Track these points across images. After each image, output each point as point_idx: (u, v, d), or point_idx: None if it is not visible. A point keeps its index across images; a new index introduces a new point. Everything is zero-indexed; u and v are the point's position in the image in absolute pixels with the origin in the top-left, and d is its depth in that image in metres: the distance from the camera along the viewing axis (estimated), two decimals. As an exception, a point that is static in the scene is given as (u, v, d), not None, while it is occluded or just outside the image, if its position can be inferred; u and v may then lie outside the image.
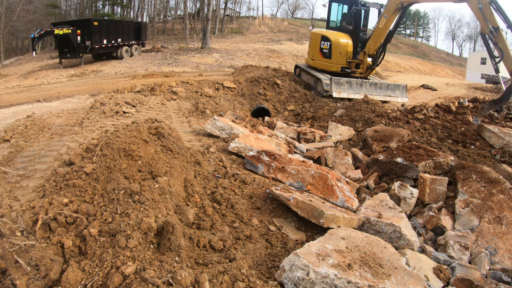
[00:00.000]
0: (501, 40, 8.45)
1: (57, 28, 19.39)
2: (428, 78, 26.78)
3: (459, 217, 4.64)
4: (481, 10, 8.49)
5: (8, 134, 6.26)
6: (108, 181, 3.60)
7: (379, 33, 11.78)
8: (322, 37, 13.21)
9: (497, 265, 4.05)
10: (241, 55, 24.88)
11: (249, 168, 5.28)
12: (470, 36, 70.38)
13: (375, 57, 12.27)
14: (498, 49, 8.45)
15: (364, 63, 12.48)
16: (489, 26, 8.48)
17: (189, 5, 40.05)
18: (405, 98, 12.36)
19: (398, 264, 3.22)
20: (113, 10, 47.48)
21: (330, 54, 12.82)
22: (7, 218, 3.20)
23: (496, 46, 8.48)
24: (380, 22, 11.66)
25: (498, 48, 8.44)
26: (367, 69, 12.60)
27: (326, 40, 12.96)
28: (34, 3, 42.31)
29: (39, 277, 2.54)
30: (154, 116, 8.11)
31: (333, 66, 12.80)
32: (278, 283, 2.98)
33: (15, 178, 4.49)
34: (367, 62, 12.44)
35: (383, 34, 11.71)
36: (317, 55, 13.39)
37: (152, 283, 2.45)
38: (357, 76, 12.67)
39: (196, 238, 3.29)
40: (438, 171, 5.56)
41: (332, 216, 3.77)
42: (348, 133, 8.19)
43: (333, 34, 13.07)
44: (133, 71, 18.60)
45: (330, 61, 12.88)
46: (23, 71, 20.92)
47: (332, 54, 12.78)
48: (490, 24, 8.49)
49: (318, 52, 13.28)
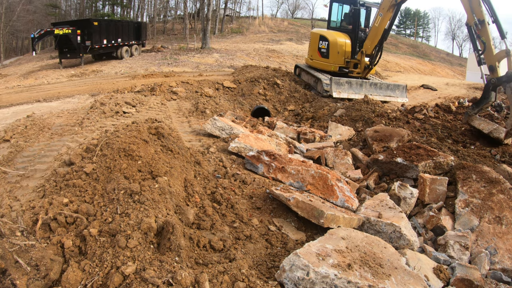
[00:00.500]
0: (484, 34, 8.29)
1: (57, 28, 19.39)
2: (428, 78, 26.77)
3: (459, 217, 4.64)
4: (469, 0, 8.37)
5: (8, 134, 6.26)
6: (108, 181, 3.60)
7: (375, 32, 11.85)
8: (320, 36, 13.30)
9: (497, 265, 4.05)
10: (241, 55, 24.88)
11: (249, 168, 5.28)
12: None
13: (373, 56, 12.32)
14: (481, 42, 8.33)
15: (362, 62, 12.53)
16: (474, 18, 8.33)
17: (189, 5, 40.08)
18: (405, 98, 12.37)
19: (398, 264, 3.22)
20: (113, 10, 47.49)
21: (328, 53, 12.89)
22: (7, 218, 3.20)
23: (479, 39, 8.35)
24: (376, 21, 11.74)
25: (481, 41, 8.32)
26: (365, 68, 12.65)
27: (324, 39, 13.05)
28: (34, 3, 42.30)
29: (39, 277, 2.54)
30: (154, 116, 8.11)
31: (331, 65, 12.87)
32: (278, 283, 2.98)
33: (15, 178, 4.49)
34: (364, 61, 12.50)
35: (379, 33, 11.76)
36: (315, 55, 13.47)
37: (152, 283, 2.45)
38: (354, 76, 12.70)
39: (196, 238, 3.29)
40: (438, 171, 5.56)
41: (332, 216, 3.77)
42: (348, 133, 8.19)
43: (331, 33, 13.14)
44: (133, 71, 18.60)
45: (328, 60, 12.96)
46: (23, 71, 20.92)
47: (330, 53, 12.84)
48: (476, 16, 8.33)
49: (317, 51, 13.36)
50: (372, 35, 12.00)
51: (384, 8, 11.36)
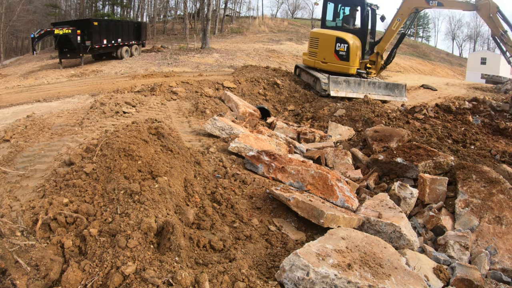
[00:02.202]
0: (509, 41, 10.43)
1: (57, 28, 19.40)
2: (428, 78, 26.78)
3: (459, 217, 4.64)
4: (491, 18, 10.42)
5: (8, 134, 6.25)
6: (108, 181, 3.60)
7: (391, 34, 12.63)
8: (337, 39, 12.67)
9: (497, 265, 4.05)
10: (241, 55, 24.88)
11: (249, 168, 5.28)
12: (470, 36, 70.41)
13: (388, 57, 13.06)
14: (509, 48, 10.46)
15: (378, 63, 12.99)
16: (500, 30, 10.43)
17: (189, 5, 40.07)
18: (404, 97, 12.29)
19: (398, 264, 3.22)
20: (113, 10, 47.49)
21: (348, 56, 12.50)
22: (7, 218, 3.20)
23: (507, 45, 10.47)
24: (393, 24, 12.52)
25: (509, 47, 10.45)
26: (380, 69, 13.27)
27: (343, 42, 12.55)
28: (34, 3, 42.30)
29: (39, 277, 2.54)
30: (154, 116, 8.10)
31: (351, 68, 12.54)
32: (278, 283, 2.98)
33: (15, 178, 4.49)
34: (380, 62, 12.99)
35: (394, 35, 12.63)
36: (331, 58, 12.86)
37: (152, 283, 2.45)
38: (363, 77, 12.69)
39: (196, 238, 3.29)
40: (438, 171, 5.56)
41: (332, 216, 3.77)
42: (348, 133, 8.19)
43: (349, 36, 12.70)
44: (133, 71, 18.60)
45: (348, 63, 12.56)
46: (23, 71, 20.92)
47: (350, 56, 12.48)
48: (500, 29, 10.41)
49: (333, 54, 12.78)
50: (387, 37, 12.72)
51: (403, 14, 12.20)
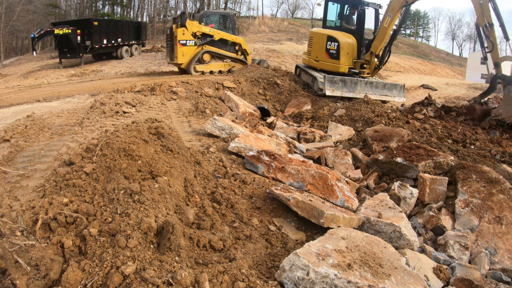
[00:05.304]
0: (492, 35, 9.80)
1: (57, 28, 19.42)
2: (428, 78, 26.80)
3: (459, 217, 4.64)
4: (481, 5, 9.71)
5: (8, 134, 6.25)
6: (108, 181, 3.60)
7: (384, 32, 11.88)
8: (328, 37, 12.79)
9: (497, 265, 4.05)
10: (241, 55, 24.83)
11: (249, 168, 5.28)
12: (470, 36, 70.33)
13: (382, 56, 12.40)
14: (489, 42, 9.83)
15: (372, 63, 12.50)
16: (485, 21, 9.73)
17: (189, 5, 40.06)
18: (402, 98, 12.21)
19: (398, 264, 3.22)
20: (113, 10, 47.48)
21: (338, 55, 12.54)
22: (7, 218, 3.20)
23: (488, 39, 9.84)
24: (384, 21, 11.82)
25: (489, 41, 9.82)
26: (375, 69, 12.70)
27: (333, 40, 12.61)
28: (34, 3, 42.32)
29: (39, 277, 2.54)
30: (154, 116, 8.10)
31: (341, 67, 12.54)
32: (278, 283, 2.98)
33: (15, 178, 4.49)
34: (374, 62, 12.48)
35: (388, 33, 11.89)
36: (322, 56, 13.00)
37: (152, 283, 2.45)
38: (364, 77, 12.60)
39: (196, 238, 3.29)
40: (438, 171, 5.56)
41: (332, 216, 3.77)
42: (348, 133, 8.19)
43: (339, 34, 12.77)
44: (133, 71, 18.59)
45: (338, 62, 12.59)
46: (23, 71, 20.92)
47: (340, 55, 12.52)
48: (486, 19, 9.73)
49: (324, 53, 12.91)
50: (380, 36, 12.00)
51: (393, 9, 11.48)
